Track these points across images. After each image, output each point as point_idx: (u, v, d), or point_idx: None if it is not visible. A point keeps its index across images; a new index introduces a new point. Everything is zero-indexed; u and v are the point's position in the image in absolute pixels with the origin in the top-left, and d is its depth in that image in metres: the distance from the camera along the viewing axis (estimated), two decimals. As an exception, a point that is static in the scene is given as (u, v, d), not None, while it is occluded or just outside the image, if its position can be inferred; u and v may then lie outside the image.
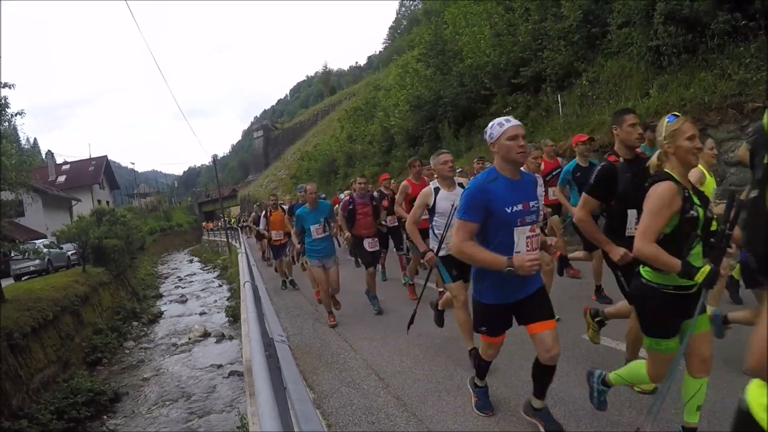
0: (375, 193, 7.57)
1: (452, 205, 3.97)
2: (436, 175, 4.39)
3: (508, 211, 2.63)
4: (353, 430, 3.48)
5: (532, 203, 2.72)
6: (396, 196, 6.83)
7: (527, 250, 2.67)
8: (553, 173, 6.60)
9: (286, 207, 9.87)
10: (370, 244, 6.63)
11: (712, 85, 7.48)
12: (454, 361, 4.44)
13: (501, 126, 2.66)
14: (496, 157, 2.74)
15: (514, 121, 2.67)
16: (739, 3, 7.85)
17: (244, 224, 30.09)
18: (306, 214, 6.19)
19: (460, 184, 4.21)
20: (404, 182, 6.76)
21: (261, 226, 10.09)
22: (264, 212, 10.09)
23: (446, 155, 4.31)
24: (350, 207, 6.69)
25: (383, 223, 7.63)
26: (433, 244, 4.20)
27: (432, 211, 4.24)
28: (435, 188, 4.24)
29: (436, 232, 4.17)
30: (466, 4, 18.30)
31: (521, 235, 2.67)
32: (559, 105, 11.56)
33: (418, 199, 4.33)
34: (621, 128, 3.13)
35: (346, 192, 10.80)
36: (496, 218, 2.66)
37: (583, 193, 3.24)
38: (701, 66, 8.14)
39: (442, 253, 4.04)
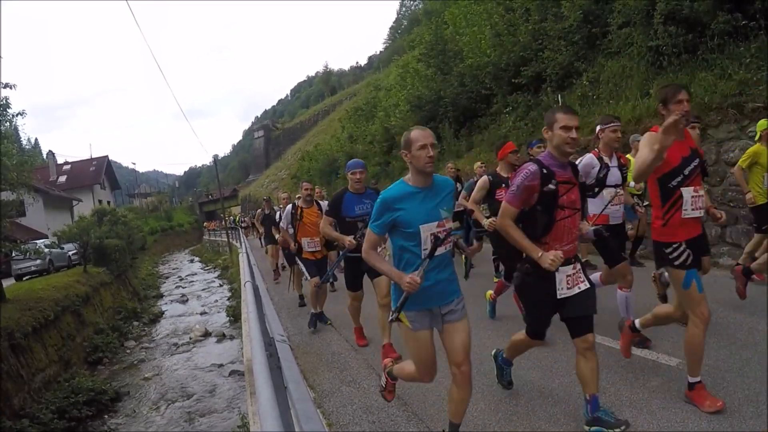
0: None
1: None
2: None
3: None
4: (354, 429, 3.49)
5: None
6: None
7: None
8: None
9: (323, 203, 6.54)
10: (571, 281, 2.89)
11: (713, 85, 7.47)
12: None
13: None
14: None
15: None
16: (739, 3, 7.85)
17: (243, 224, 28.86)
18: (406, 196, 2.67)
19: None
20: None
21: (284, 226, 6.67)
22: (292, 208, 6.51)
23: None
24: (550, 187, 2.77)
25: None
26: None
27: None
28: None
29: None
30: (466, 5, 18.30)
31: None
32: (560, 105, 11.57)
33: None
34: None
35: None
36: None
37: None
38: (701, 66, 8.14)
39: None
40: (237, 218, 38.19)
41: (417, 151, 2.63)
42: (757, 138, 5.42)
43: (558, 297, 2.87)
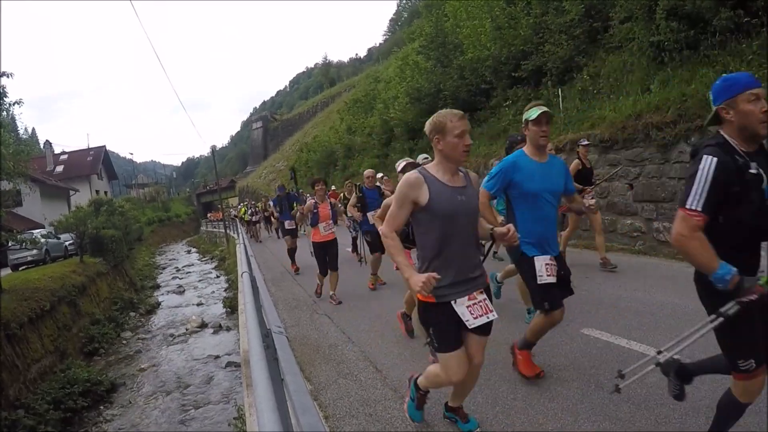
0: None
1: None
2: None
3: None
4: (350, 421, 3.48)
5: None
6: None
7: None
8: None
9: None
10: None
11: (714, 81, 7.44)
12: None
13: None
14: None
15: None
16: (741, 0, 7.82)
17: (255, 218, 21.99)
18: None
19: None
20: None
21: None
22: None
23: None
24: None
25: None
26: None
27: None
28: None
29: None
30: (467, -3, 18.22)
31: None
32: (560, 99, 11.52)
33: None
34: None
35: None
36: None
37: None
38: (703, 62, 8.11)
39: None
40: (243, 210, 25.95)
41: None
42: None
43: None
